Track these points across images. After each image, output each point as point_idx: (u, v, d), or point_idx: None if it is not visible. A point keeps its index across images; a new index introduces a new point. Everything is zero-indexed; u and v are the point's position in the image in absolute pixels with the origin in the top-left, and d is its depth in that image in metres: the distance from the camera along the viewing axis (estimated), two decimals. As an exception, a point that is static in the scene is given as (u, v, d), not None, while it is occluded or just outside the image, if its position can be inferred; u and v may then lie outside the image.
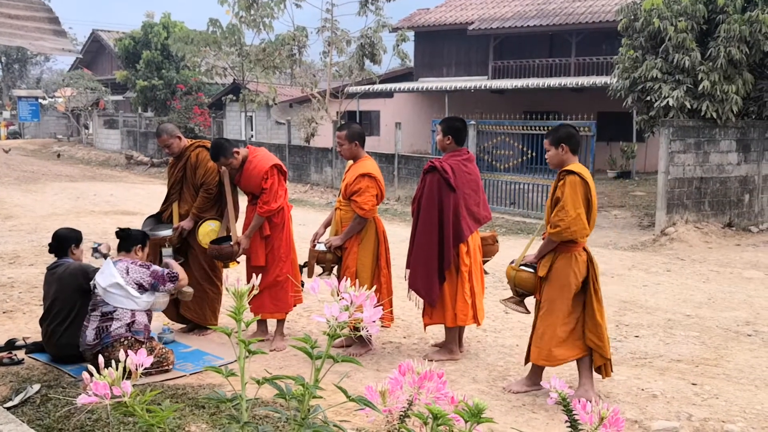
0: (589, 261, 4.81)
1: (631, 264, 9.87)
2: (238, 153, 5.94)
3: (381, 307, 1.73)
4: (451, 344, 5.71)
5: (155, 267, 5.32)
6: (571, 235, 4.64)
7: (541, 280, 4.87)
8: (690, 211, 12.20)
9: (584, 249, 4.81)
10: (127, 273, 5.12)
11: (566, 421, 1.81)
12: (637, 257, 10.45)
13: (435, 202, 5.45)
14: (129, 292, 5.08)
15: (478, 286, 5.64)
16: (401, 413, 1.83)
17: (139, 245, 5.43)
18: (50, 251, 5.65)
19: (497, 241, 5.96)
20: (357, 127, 5.94)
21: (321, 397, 1.85)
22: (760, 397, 4.99)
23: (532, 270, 4.97)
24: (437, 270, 5.48)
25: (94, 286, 5.13)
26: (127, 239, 5.40)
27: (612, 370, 4.97)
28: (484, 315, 5.85)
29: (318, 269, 5.90)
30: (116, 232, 5.50)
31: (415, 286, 5.60)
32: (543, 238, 4.92)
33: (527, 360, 5.07)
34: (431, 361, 5.13)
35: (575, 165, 4.78)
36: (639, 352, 5.99)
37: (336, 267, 5.88)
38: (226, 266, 6.12)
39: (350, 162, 5.94)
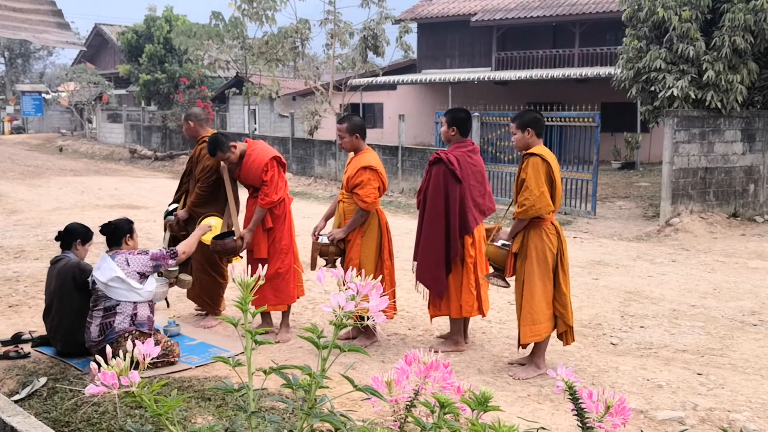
0: (558, 233, 5.12)
1: (636, 254, 9.86)
2: (235, 147, 5.96)
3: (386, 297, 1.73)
4: (457, 335, 5.72)
5: (153, 250, 5.24)
6: (536, 212, 4.95)
7: (516, 257, 5.16)
8: (695, 201, 12.17)
9: (552, 223, 5.10)
10: (128, 264, 5.04)
11: (572, 410, 1.81)
12: (641, 248, 10.44)
13: (441, 194, 5.46)
14: (131, 284, 5.02)
15: (483, 278, 5.66)
16: (408, 403, 1.83)
17: (128, 234, 5.28)
18: (56, 239, 5.68)
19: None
20: (357, 120, 5.92)
21: (327, 387, 1.85)
22: (766, 386, 4.99)
23: (507, 247, 5.33)
24: (444, 261, 5.49)
25: (93, 283, 5.07)
26: (115, 233, 5.25)
27: (573, 339, 5.27)
28: (489, 306, 5.86)
29: (321, 262, 5.93)
30: (101, 230, 5.31)
31: (422, 278, 5.61)
32: (514, 218, 5.19)
33: (520, 344, 5.24)
34: (436, 352, 5.18)
35: (538, 147, 5.08)
36: (644, 342, 5.99)
37: (339, 259, 5.89)
38: (229, 261, 6.13)
39: (351, 154, 5.93)
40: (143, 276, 5.11)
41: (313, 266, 6.02)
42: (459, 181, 5.46)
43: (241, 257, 6.11)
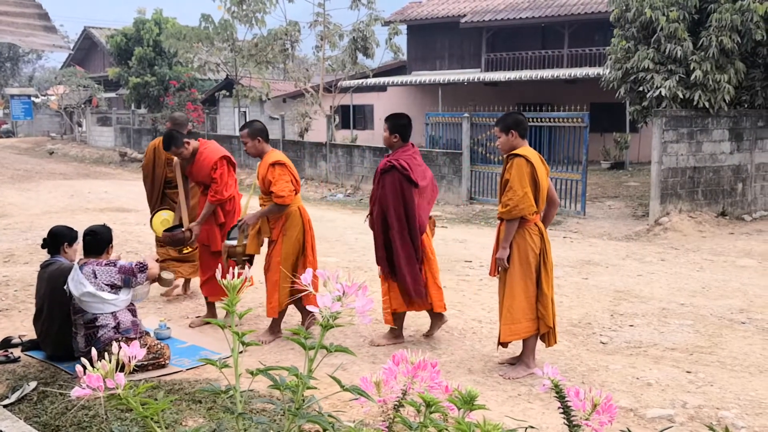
0: (541, 234, 5.14)
1: (626, 254, 9.90)
2: (188, 144, 6.28)
3: (306, 293, 1.74)
4: (399, 330, 5.90)
5: (121, 262, 5.08)
6: (520, 212, 4.97)
7: (497, 258, 5.18)
8: (683, 200, 12.24)
9: (536, 224, 5.12)
10: (95, 276, 4.94)
11: (559, 408, 1.82)
12: (631, 247, 10.48)
13: (400, 200, 5.57)
14: (103, 298, 4.92)
15: (434, 273, 5.84)
16: (396, 403, 1.84)
17: (110, 245, 5.20)
18: (43, 247, 5.64)
19: (435, 225, 6.15)
20: (258, 124, 6.05)
21: (316, 388, 1.86)
22: (754, 383, 5.02)
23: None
24: (417, 264, 5.61)
25: (70, 293, 5.00)
26: (99, 243, 5.14)
27: (556, 341, 5.29)
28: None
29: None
30: (84, 240, 5.25)
31: (406, 286, 5.61)
32: (498, 218, 5.22)
33: (499, 342, 5.27)
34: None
35: (523, 149, 5.11)
36: (634, 341, 6.02)
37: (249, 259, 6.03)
38: (180, 252, 6.42)
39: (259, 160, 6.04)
40: (114, 286, 5.01)
41: (225, 270, 6.07)
42: (415, 184, 5.59)
43: (191, 248, 6.34)
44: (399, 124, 5.74)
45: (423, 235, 5.67)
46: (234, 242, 5.94)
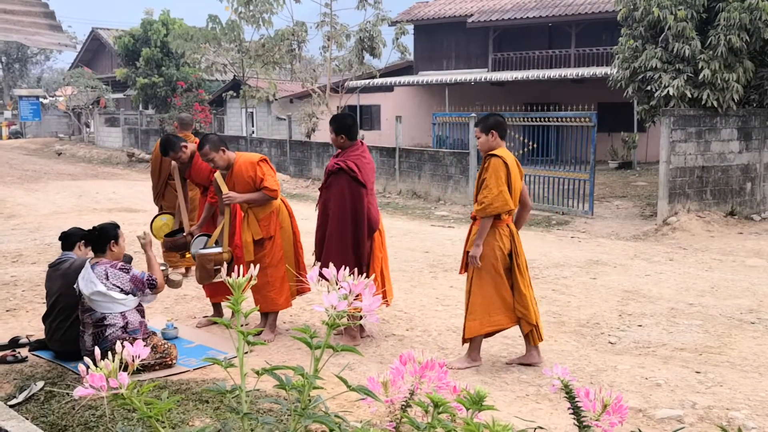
0: (512, 235, 5.23)
1: (634, 254, 9.85)
2: (186, 147, 6.38)
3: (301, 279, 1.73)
4: (354, 330, 5.88)
5: (134, 272, 5.10)
6: (495, 210, 5.07)
7: (469, 255, 5.28)
8: (692, 200, 12.17)
9: (507, 225, 5.21)
10: (107, 278, 4.95)
11: (569, 408, 1.80)
12: (639, 247, 10.43)
13: (347, 201, 5.62)
14: (113, 297, 4.94)
15: (387, 269, 5.91)
16: (403, 403, 1.83)
17: (113, 240, 5.17)
18: (59, 239, 5.72)
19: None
20: (213, 137, 5.95)
21: (323, 388, 1.84)
22: (764, 384, 4.98)
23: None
24: (354, 264, 5.56)
25: (79, 292, 5.01)
26: (100, 238, 5.15)
27: (541, 338, 5.33)
28: (393, 296, 6.14)
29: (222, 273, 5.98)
30: (85, 236, 5.29)
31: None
32: (472, 217, 5.34)
33: (464, 339, 5.37)
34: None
35: (500, 150, 5.24)
36: (642, 341, 5.99)
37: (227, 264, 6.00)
38: (183, 256, 6.35)
39: (219, 173, 5.93)
40: (123, 291, 5.02)
41: (208, 279, 5.94)
42: (363, 185, 5.64)
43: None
44: (344, 125, 5.80)
45: (376, 232, 5.76)
46: (219, 249, 5.88)
